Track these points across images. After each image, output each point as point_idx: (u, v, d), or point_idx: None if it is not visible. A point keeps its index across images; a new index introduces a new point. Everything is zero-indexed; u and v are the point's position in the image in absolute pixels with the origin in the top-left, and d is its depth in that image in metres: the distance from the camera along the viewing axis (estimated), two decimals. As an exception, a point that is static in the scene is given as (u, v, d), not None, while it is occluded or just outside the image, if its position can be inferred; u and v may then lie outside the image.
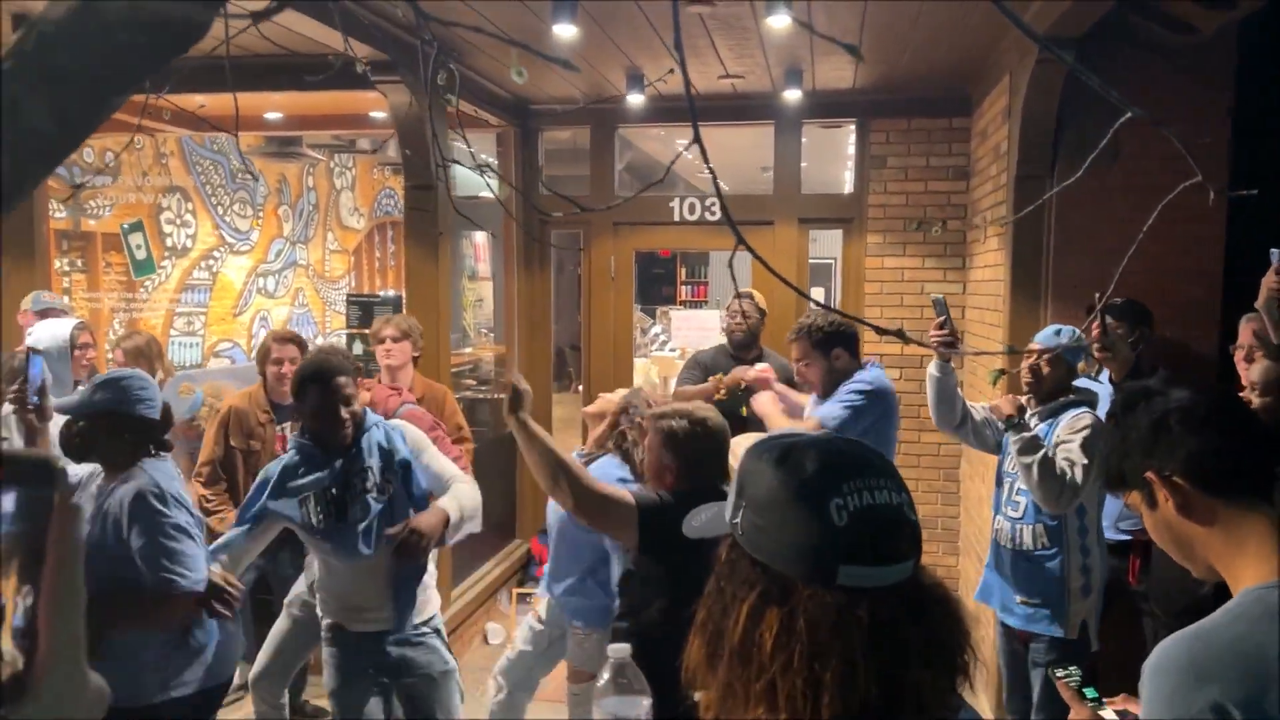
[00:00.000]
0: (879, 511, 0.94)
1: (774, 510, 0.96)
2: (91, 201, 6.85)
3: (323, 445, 2.98)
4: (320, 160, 8.83)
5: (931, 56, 4.93)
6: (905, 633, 0.90)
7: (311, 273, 9.51)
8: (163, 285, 7.50)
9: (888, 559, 0.93)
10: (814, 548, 0.93)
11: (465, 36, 4.36)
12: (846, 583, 0.91)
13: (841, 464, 0.97)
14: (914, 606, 0.92)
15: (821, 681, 0.88)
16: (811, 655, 0.89)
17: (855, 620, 0.89)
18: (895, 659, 0.89)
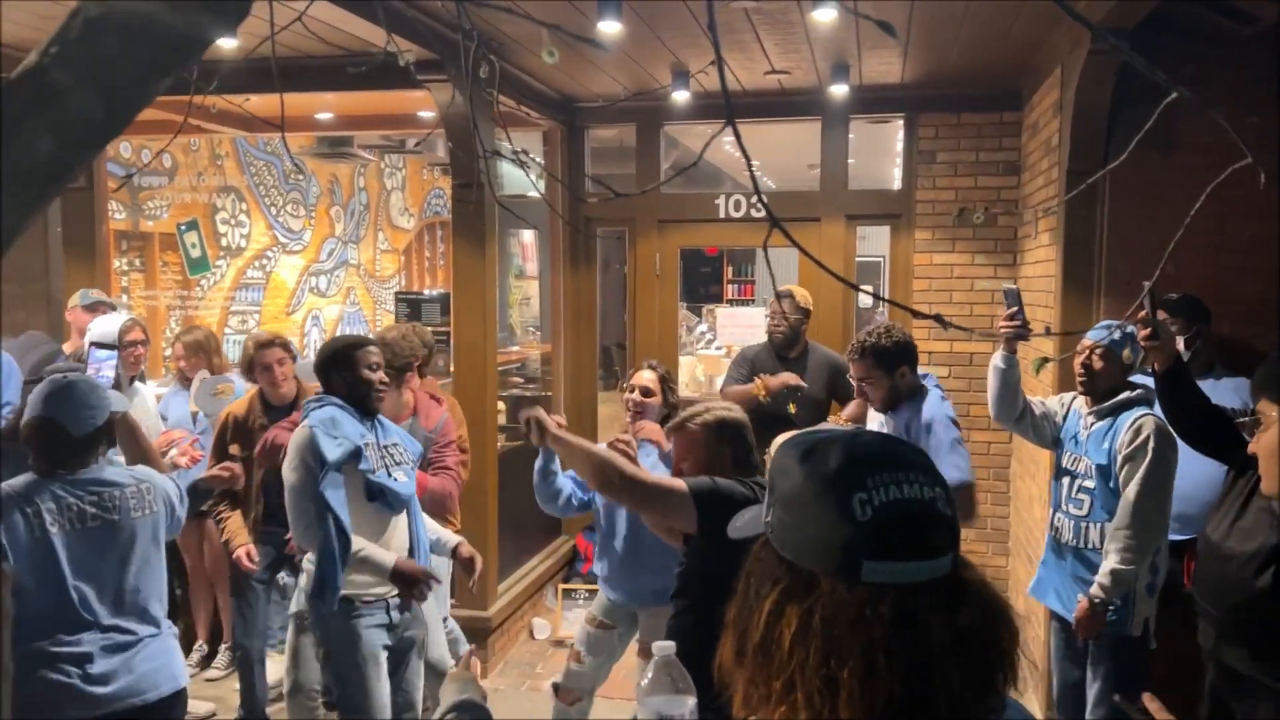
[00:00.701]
0: (908, 506, 0.92)
1: (798, 506, 0.95)
2: (149, 202, 7.00)
3: (358, 409, 3.26)
4: (371, 161, 8.94)
5: (981, 50, 4.86)
6: (934, 630, 0.87)
7: (362, 272, 9.63)
8: (218, 284, 7.65)
9: (916, 554, 0.90)
10: (836, 543, 0.90)
11: (509, 34, 4.39)
12: (872, 579, 0.88)
13: (867, 457, 0.95)
14: (949, 604, 0.89)
15: (839, 679, 0.85)
16: (828, 652, 0.87)
17: (877, 617, 0.86)
18: (921, 657, 0.86)
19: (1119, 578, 3.18)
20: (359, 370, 3.25)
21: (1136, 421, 3.24)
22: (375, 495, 3.18)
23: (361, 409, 3.26)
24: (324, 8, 3.48)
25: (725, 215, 6.25)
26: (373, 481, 3.16)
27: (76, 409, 2.68)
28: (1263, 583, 2.74)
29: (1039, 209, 4.98)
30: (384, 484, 3.18)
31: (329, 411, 3.19)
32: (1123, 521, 3.19)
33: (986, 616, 0.91)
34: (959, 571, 0.93)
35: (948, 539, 0.93)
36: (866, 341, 3.51)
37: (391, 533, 3.28)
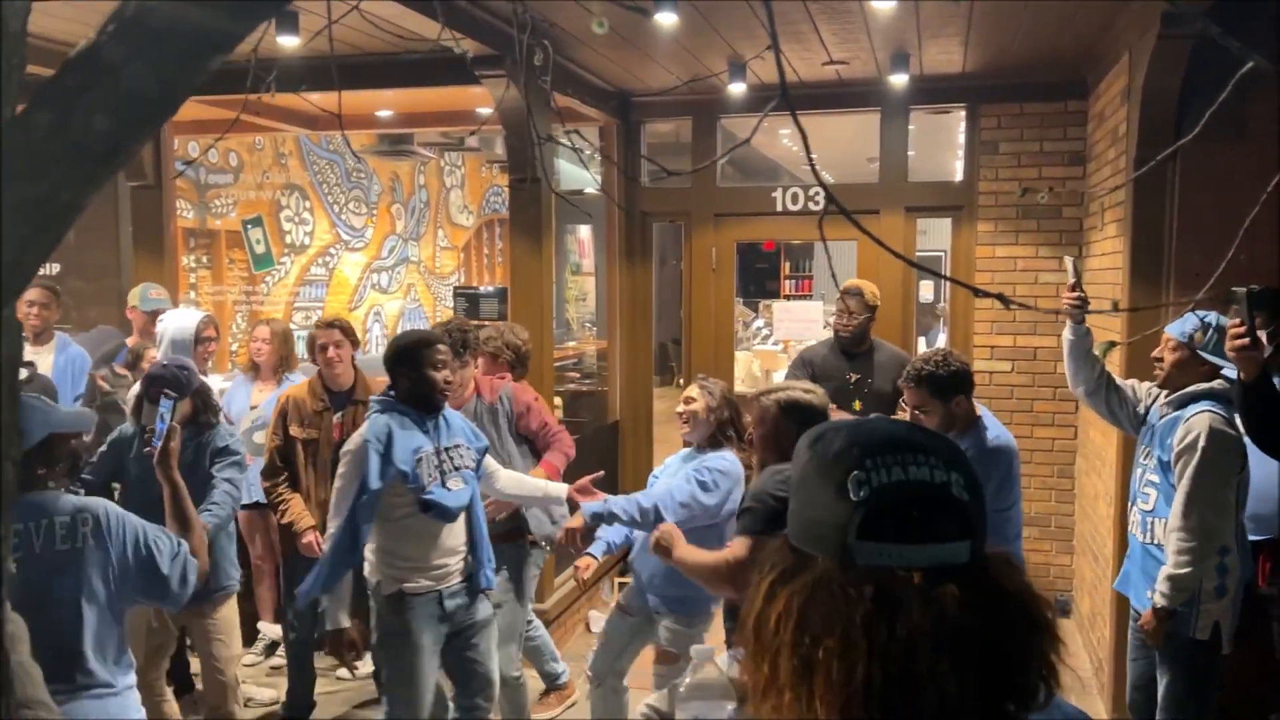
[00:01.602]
0: (911, 488, 0.86)
1: (801, 488, 0.92)
2: (216, 200, 7.17)
3: (419, 408, 3.28)
4: (431, 158, 9.05)
5: (1044, 37, 4.76)
6: (917, 614, 0.81)
7: (423, 268, 9.75)
8: (282, 280, 7.80)
9: (915, 538, 0.85)
10: (830, 522, 0.86)
11: (563, 26, 4.40)
12: (864, 560, 0.84)
13: (870, 439, 0.90)
14: (949, 592, 0.82)
15: (815, 659, 0.81)
16: (805, 630, 0.82)
17: (859, 596, 0.81)
18: (904, 642, 0.80)
19: (1178, 582, 3.08)
20: (424, 368, 3.26)
21: (1191, 418, 3.15)
22: (427, 509, 3.23)
23: (424, 407, 3.29)
24: (381, 4, 3.52)
25: (782, 208, 6.20)
26: (424, 500, 3.21)
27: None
28: None
29: (1105, 197, 4.86)
30: (435, 500, 3.22)
31: (386, 422, 3.21)
32: (1175, 523, 3.10)
33: (1001, 611, 0.84)
34: (981, 563, 0.87)
35: (960, 526, 0.87)
36: (924, 370, 3.42)
37: (446, 536, 3.33)
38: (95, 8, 3.74)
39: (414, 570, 3.27)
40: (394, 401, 3.30)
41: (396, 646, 3.26)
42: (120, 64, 0.77)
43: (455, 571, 3.36)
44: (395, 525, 3.25)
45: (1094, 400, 3.62)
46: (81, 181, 0.78)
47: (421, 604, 3.26)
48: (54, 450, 2.52)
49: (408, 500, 3.21)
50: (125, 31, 0.77)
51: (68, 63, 0.79)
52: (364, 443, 3.16)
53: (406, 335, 3.48)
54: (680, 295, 6.74)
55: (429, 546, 3.29)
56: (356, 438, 3.23)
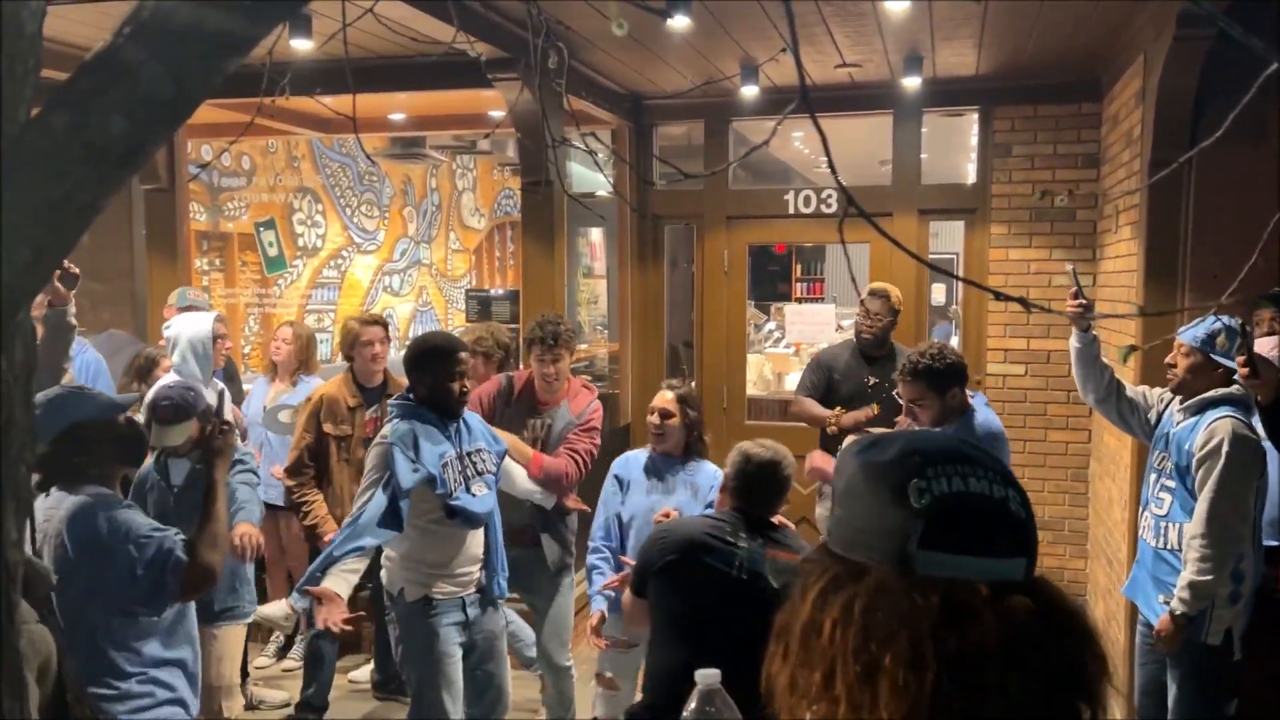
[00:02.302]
0: (972, 499, 0.85)
1: (853, 497, 0.90)
2: (229, 203, 7.19)
3: (439, 413, 3.25)
4: (443, 161, 9.06)
5: (1058, 39, 4.74)
6: (989, 626, 0.79)
7: (434, 271, 9.77)
8: (294, 283, 7.82)
9: (978, 550, 0.84)
10: (888, 529, 0.85)
11: (576, 29, 4.40)
12: (925, 570, 0.82)
13: (929, 449, 0.89)
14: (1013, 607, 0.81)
15: (880, 667, 0.79)
16: (870, 638, 0.81)
17: (926, 606, 0.80)
18: (974, 653, 0.78)
19: (1198, 590, 3.06)
20: (443, 375, 3.23)
21: (1213, 424, 3.12)
22: (453, 515, 3.22)
23: (443, 413, 3.26)
24: (394, 6, 3.53)
25: (795, 211, 6.19)
26: (451, 506, 3.19)
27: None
28: None
29: (1119, 199, 4.84)
30: (461, 506, 3.20)
31: (410, 427, 3.16)
32: (1197, 530, 3.08)
33: (1062, 631, 0.83)
34: (1034, 581, 0.86)
35: (1018, 542, 0.86)
36: (920, 363, 3.47)
37: (469, 542, 3.33)
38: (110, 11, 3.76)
39: (439, 576, 3.27)
40: (414, 405, 3.26)
41: (425, 652, 3.24)
42: (137, 66, 0.77)
43: (475, 580, 3.35)
44: (419, 531, 3.22)
45: (1105, 408, 3.62)
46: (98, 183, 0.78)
47: (446, 609, 3.26)
48: (85, 439, 2.48)
49: (433, 506, 3.20)
50: (142, 34, 0.77)
51: (84, 65, 0.78)
52: (389, 445, 3.11)
53: (428, 340, 3.45)
54: (691, 298, 6.73)
55: (453, 553, 3.28)
56: (379, 440, 3.19)
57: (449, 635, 3.26)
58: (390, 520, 3.04)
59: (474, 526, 3.30)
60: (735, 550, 2.63)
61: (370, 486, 3.09)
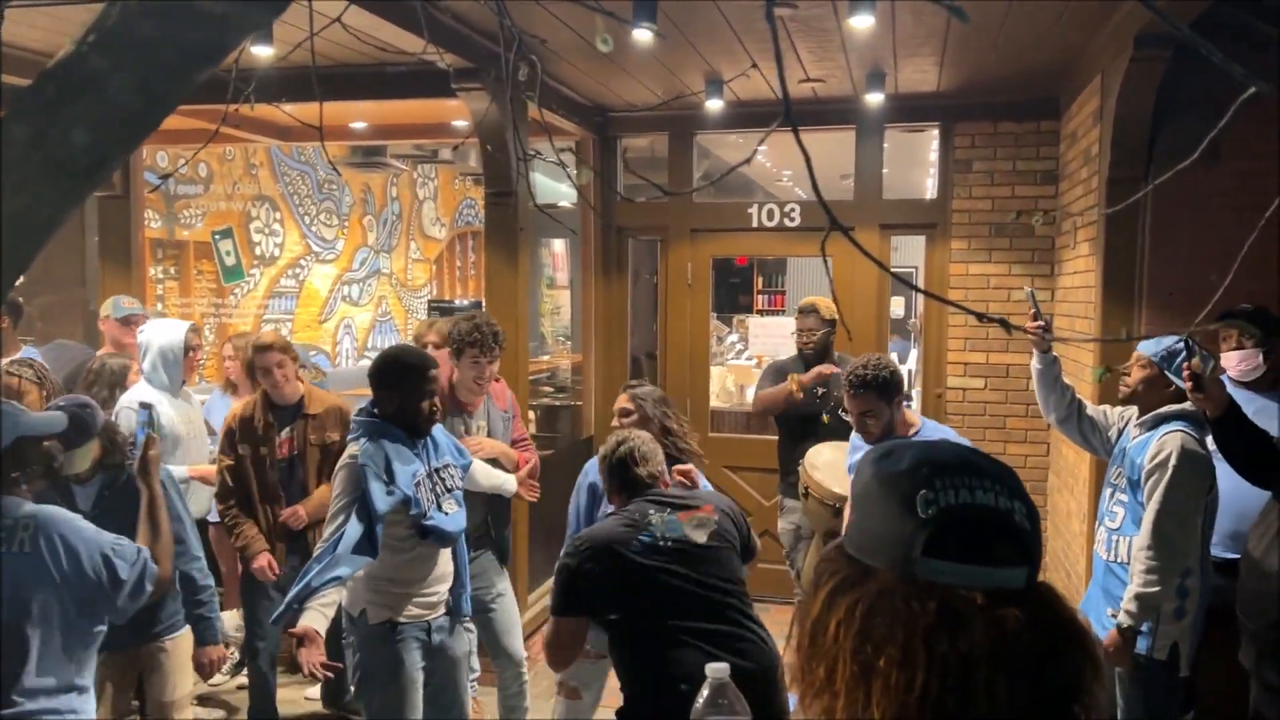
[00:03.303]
0: (977, 510, 0.89)
1: (866, 503, 0.95)
2: (185, 211, 7.07)
3: (408, 431, 3.17)
4: (404, 170, 8.99)
5: (1018, 57, 4.80)
6: (979, 631, 0.83)
7: (394, 281, 9.68)
8: (251, 292, 7.70)
9: (979, 559, 0.87)
10: (895, 537, 0.89)
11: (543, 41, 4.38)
12: (927, 576, 0.87)
13: (940, 460, 0.93)
14: (1008, 614, 0.85)
15: (875, 667, 0.84)
16: (865, 637, 0.85)
17: (923, 611, 0.84)
18: (965, 657, 0.82)
19: (1143, 601, 3.09)
20: (414, 394, 3.13)
21: (1163, 437, 3.17)
22: (426, 534, 3.13)
23: (412, 431, 3.17)
24: (360, 15, 3.49)
25: (758, 224, 6.21)
26: (425, 526, 3.10)
27: None
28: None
29: (1078, 220, 4.91)
30: (435, 526, 3.12)
31: (379, 447, 3.05)
32: (1143, 542, 3.12)
33: (1057, 638, 0.86)
34: (1035, 591, 0.89)
35: (1021, 552, 0.89)
36: (866, 374, 3.47)
37: (439, 561, 3.25)
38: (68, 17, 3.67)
39: (407, 598, 3.17)
40: (380, 423, 3.13)
41: (388, 681, 3.11)
42: (103, 76, 0.74)
43: (442, 601, 3.27)
44: (388, 551, 3.09)
45: (1066, 428, 3.65)
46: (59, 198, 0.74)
47: (411, 634, 3.16)
48: (24, 454, 2.49)
49: (403, 526, 3.10)
50: (108, 42, 0.74)
51: (46, 73, 0.75)
52: (360, 465, 3.00)
53: (399, 357, 3.30)
54: (655, 310, 6.72)
55: (424, 573, 3.19)
56: (347, 459, 3.06)
57: (414, 662, 3.15)
58: (366, 547, 2.93)
59: (447, 545, 3.23)
60: (651, 527, 2.67)
61: (342, 511, 2.97)
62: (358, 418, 3.20)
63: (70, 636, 2.45)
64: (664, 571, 2.63)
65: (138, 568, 2.50)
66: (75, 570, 2.40)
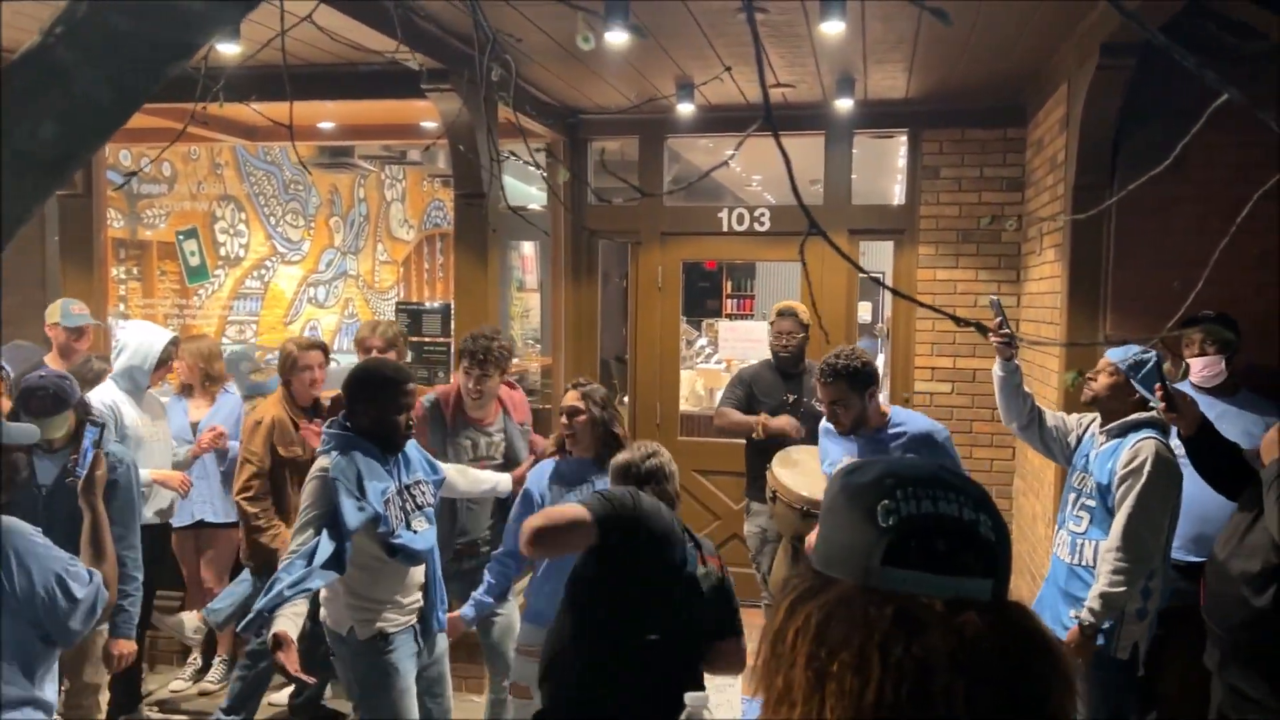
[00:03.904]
0: (939, 521, 0.88)
1: (831, 517, 0.94)
2: (148, 211, 6.97)
3: (381, 445, 3.11)
4: (371, 172, 8.92)
5: (986, 65, 4.85)
6: (935, 637, 0.81)
7: (361, 283, 9.60)
8: (215, 293, 7.61)
9: (941, 569, 0.86)
10: (857, 547, 0.88)
11: (514, 43, 4.36)
12: (888, 585, 0.86)
13: (903, 473, 0.92)
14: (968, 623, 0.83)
15: (828, 672, 0.83)
16: (820, 643, 0.84)
17: (879, 617, 0.83)
18: (921, 664, 0.80)
19: (1109, 600, 3.14)
20: (390, 407, 3.07)
21: (1137, 444, 3.22)
22: (394, 553, 3.08)
23: (385, 446, 3.11)
24: (330, 14, 3.45)
25: (728, 229, 6.23)
26: (393, 544, 3.05)
27: None
28: (1263, 602, 2.72)
29: (1044, 227, 4.96)
30: (403, 545, 3.06)
31: (351, 460, 2.99)
32: (1113, 543, 3.16)
33: (1025, 649, 0.85)
34: (1001, 603, 0.88)
35: (985, 563, 0.88)
36: (838, 364, 3.51)
37: (415, 573, 3.21)
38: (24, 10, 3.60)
39: (389, 608, 3.12)
40: (352, 436, 3.06)
41: (385, 690, 3.07)
42: (71, 69, 0.72)
43: (420, 608, 3.24)
44: (359, 568, 3.06)
45: (1028, 435, 3.69)
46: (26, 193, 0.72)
47: (402, 642, 3.13)
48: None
49: (373, 543, 3.05)
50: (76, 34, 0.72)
51: (11, 66, 0.73)
52: (331, 479, 2.93)
53: (376, 369, 3.24)
54: (625, 313, 6.71)
55: (399, 585, 3.15)
56: (318, 472, 2.99)
57: (408, 670, 3.12)
58: (334, 563, 2.89)
59: (414, 564, 3.17)
60: (686, 550, 2.58)
61: (312, 524, 2.92)
62: (329, 430, 3.13)
63: (26, 649, 2.39)
64: (669, 592, 2.54)
65: (91, 592, 2.41)
66: (26, 588, 2.30)
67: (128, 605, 3.36)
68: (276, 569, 3.62)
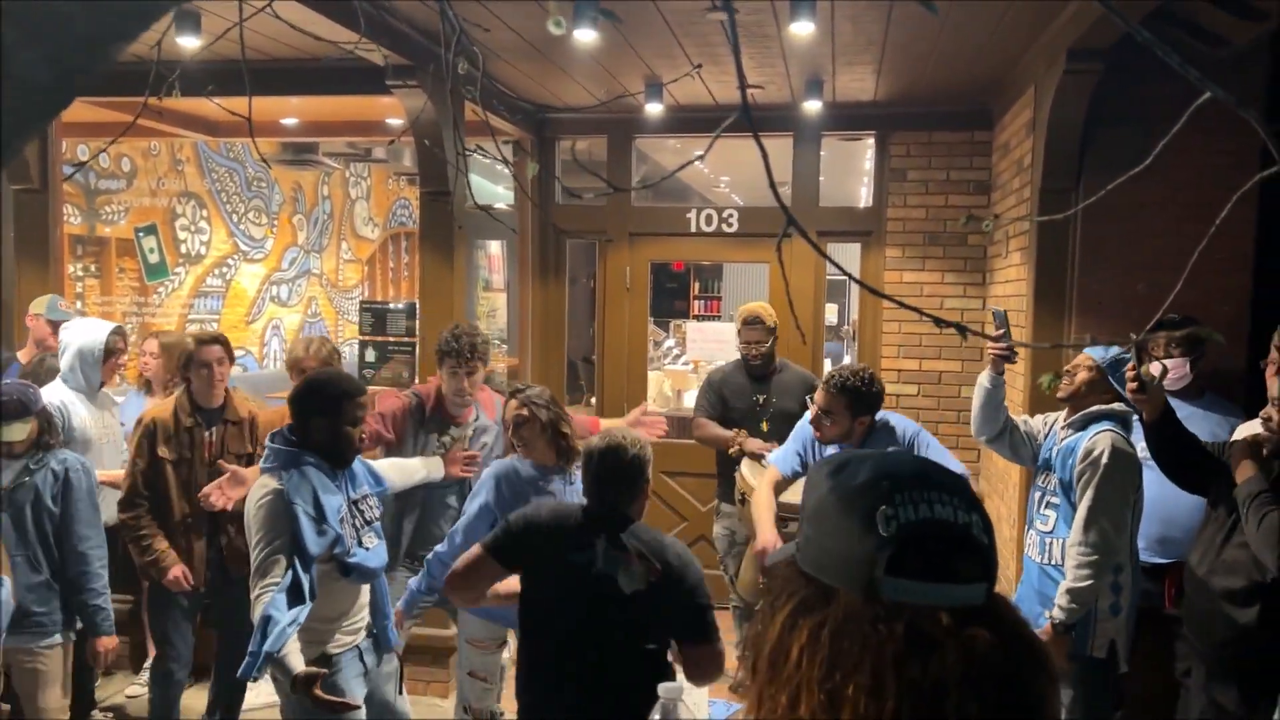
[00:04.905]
0: (937, 526, 0.86)
1: (822, 519, 0.91)
2: (106, 207, 6.83)
3: (331, 460, 3.01)
4: (336, 169, 8.81)
5: (954, 68, 4.87)
6: (950, 655, 0.80)
7: (325, 282, 9.49)
8: (176, 292, 7.47)
9: (942, 577, 0.85)
10: (856, 556, 0.86)
11: (482, 39, 4.31)
12: (890, 596, 0.84)
13: (898, 473, 0.90)
14: (974, 634, 0.82)
15: (843, 695, 0.81)
16: (834, 665, 0.82)
17: (890, 634, 0.81)
18: (935, 682, 0.79)
19: (1076, 596, 3.15)
20: (344, 420, 2.96)
21: (1094, 436, 3.24)
22: (349, 573, 2.98)
23: (336, 461, 3.00)
24: (292, 8, 3.39)
25: (696, 229, 6.21)
26: (348, 564, 2.94)
27: None
28: (1246, 620, 2.73)
29: (1010, 230, 4.99)
30: (358, 564, 2.96)
31: (306, 479, 2.88)
32: (1075, 538, 3.18)
33: (1018, 656, 0.84)
34: (994, 606, 0.87)
35: (981, 568, 0.87)
36: (849, 382, 3.57)
37: (360, 595, 3.11)
38: None
39: (333, 631, 3.02)
40: (299, 451, 2.94)
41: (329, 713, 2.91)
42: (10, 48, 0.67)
43: (365, 626, 3.13)
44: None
45: (998, 445, 3.67)
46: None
47: (347, 661, 3.01)
48: None
49: (326, 563, 2.94)
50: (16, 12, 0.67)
51: (-57, 46, 0.68)
52: (290, 503, 2.81)
53: (330, 381, 3.07)
54: (592, 313, 6.67)
55: (348, 605, 3.04)
56: (271, 493, 2.85)
57: (355, 691, 3.00)
58: (304, 595, 2.78)
59: (368, 581, 3.08)
60: (593, 551, 2.59)
61: (279, 552, 2.79)
62: (275, 445, 2.97)
63: None
64: (580, 594, 2.60)
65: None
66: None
67: (102, 604, 3.43)
68: (155, 580, 3.66)
